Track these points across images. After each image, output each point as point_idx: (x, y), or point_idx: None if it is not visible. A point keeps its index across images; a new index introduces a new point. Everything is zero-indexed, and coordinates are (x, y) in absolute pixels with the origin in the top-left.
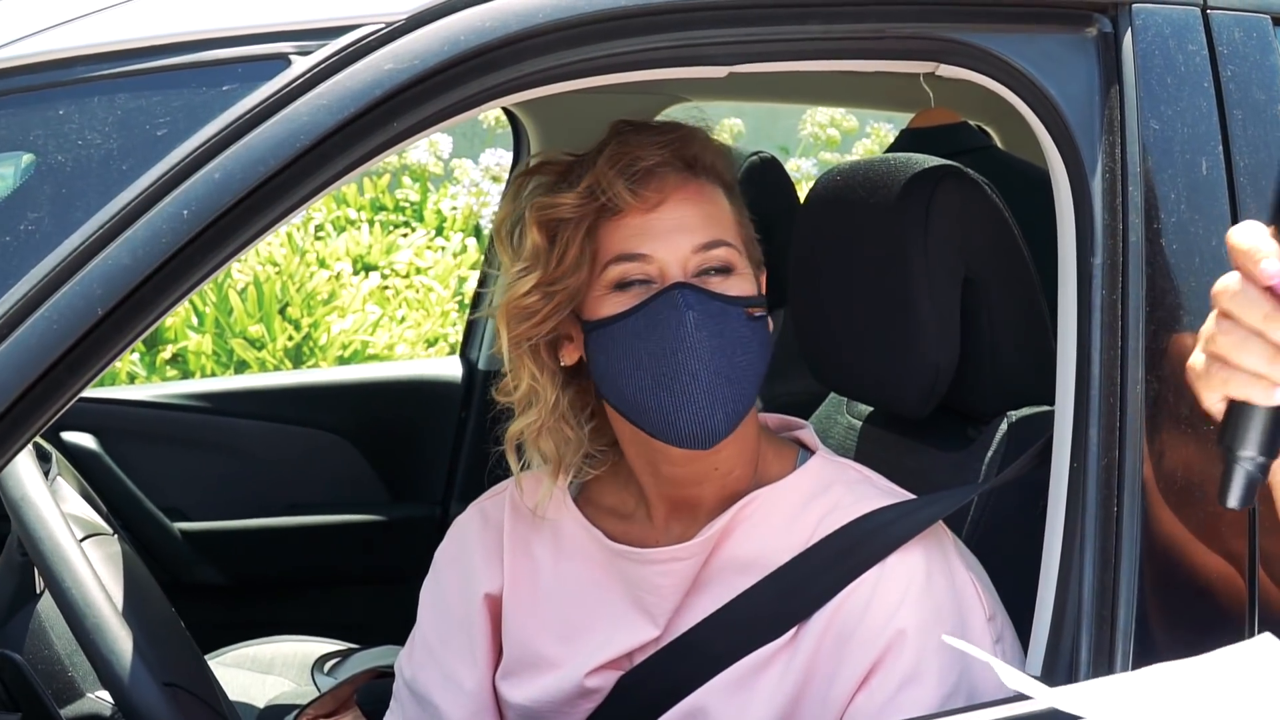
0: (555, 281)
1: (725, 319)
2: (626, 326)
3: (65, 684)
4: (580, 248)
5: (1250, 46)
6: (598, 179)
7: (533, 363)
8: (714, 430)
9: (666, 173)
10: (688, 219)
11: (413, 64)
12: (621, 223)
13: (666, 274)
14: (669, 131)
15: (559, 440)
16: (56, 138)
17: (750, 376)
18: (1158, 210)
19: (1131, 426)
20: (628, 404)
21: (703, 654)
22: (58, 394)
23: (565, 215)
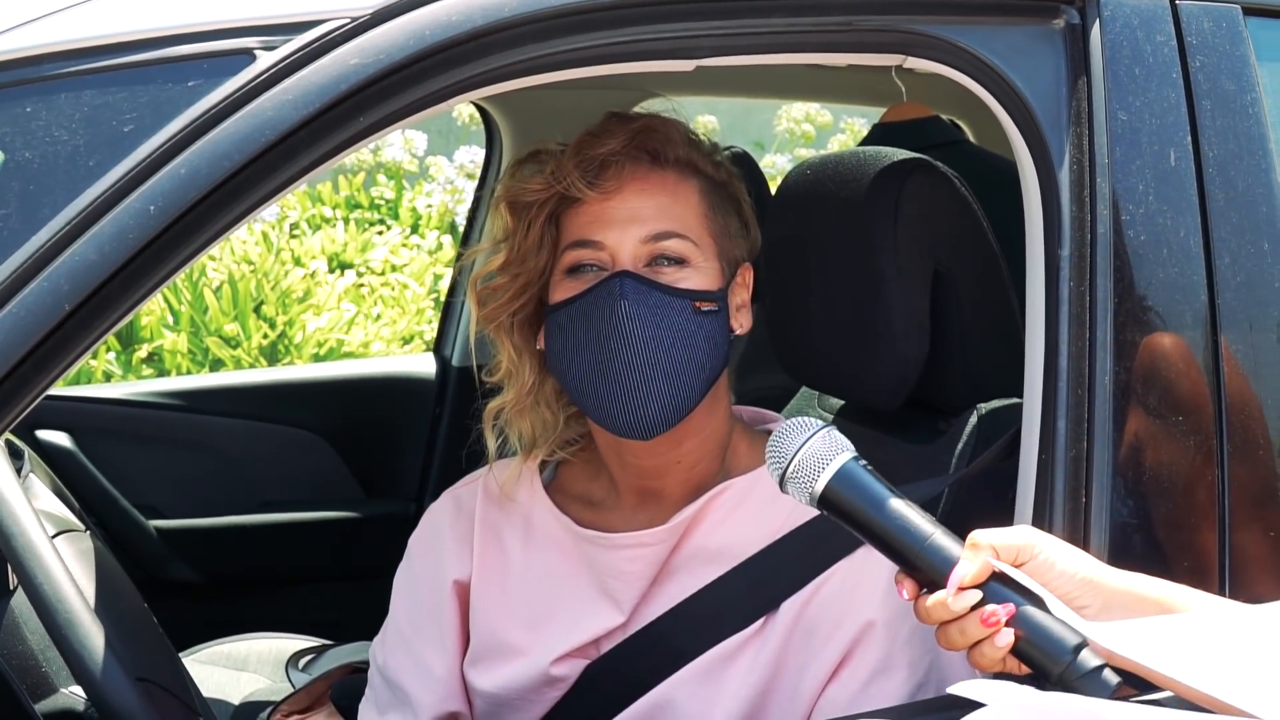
0: (518, 262)
1: (665, 311)
2: (572, 311)
3: (39, 679)
4: (541, 231)
5: (1220, 37)
6: (559, 166)
7: (509, 343)
8: (649, 422)
9: (624, 163)
10: (641, 209)
11: (378, 59)
12: (580, 210)
13: (617, 261)
14: (631, 123)
15: (536, 422)
16: (24, 135)
17: (694, 372)
18: (1125, 202)
19: (1100, 418)
20: (573, 389)
21: (670, 645)
22: (25, 391)
23: (529, 199)
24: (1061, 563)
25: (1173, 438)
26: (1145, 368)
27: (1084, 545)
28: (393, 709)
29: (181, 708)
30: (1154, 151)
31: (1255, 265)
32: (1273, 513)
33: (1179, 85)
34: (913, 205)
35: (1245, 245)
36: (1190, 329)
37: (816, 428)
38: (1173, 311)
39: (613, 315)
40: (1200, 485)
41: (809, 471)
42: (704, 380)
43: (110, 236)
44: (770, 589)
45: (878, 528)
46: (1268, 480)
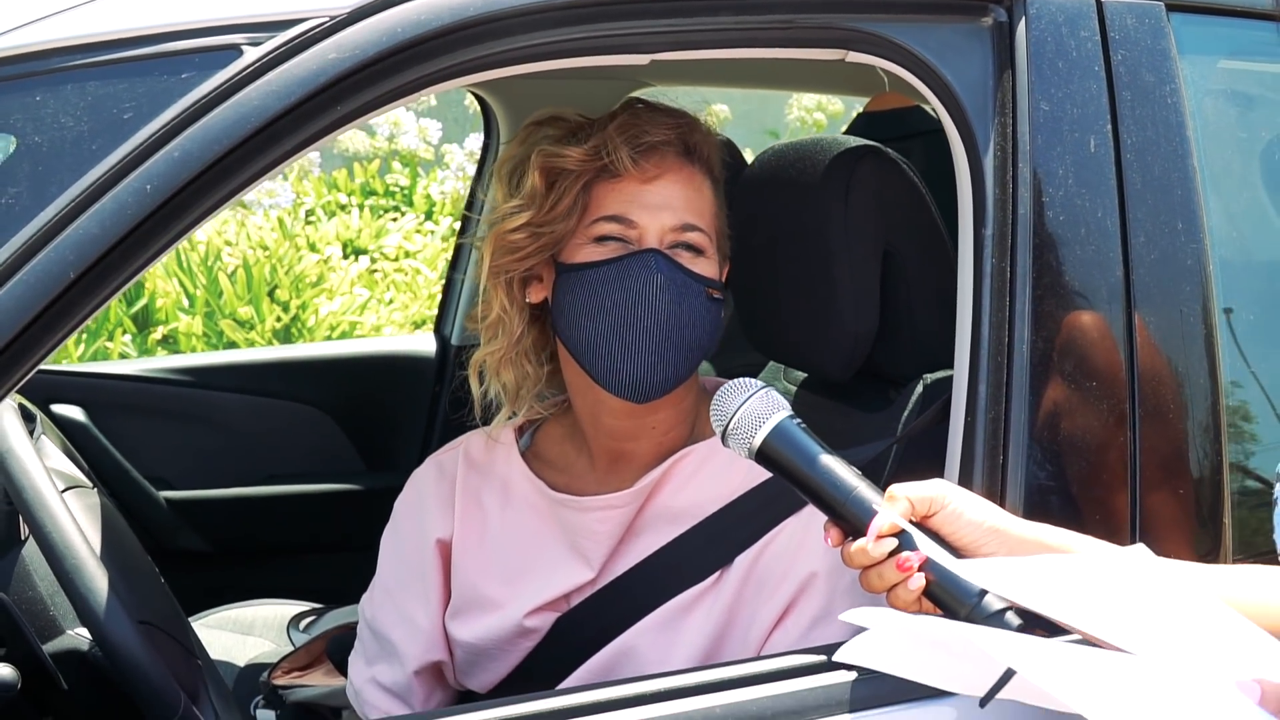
0: (544, 224)
1: (687, 292)
2: (599, 274)
3: (47, 622)
4: (574, 199)
5: (1142, 32)
6: (605, 142)
7: (505, 294)
8: (650, 386)
9: (667, 152)
10: (674, 198)
11: (354, 53)
12: (616, 186)
13: (644, 241)
14: (678, 116)
15: (519, 373)
16: (33, 121)
17: (695, 350)
18: (1046, 185)
19: (1018, 383)
20: (581, 345)
21: (633, 598)
22: (35, 349)
23: (568, 167)
24: (969, 513)
25: (1087, 403)
26: (1062, 338)
27: (1000, 501)
28: (380, 659)
29: (180, 649)
30: (1074, 139)
31: (1169, 244)
32: (1181, 474)
33: (1101, 78)
34: (863, 189)
35: (1160, 225)
36: (1106, 303)
37: (756, 388)
38: (1089, 286)
39: (647, 286)
40: (1112, 448)
41: (747, 427)
42: (700, 358)
43: (111, 212)
44: (725, 545)
45: (808, 480)
46: (1177, 444)
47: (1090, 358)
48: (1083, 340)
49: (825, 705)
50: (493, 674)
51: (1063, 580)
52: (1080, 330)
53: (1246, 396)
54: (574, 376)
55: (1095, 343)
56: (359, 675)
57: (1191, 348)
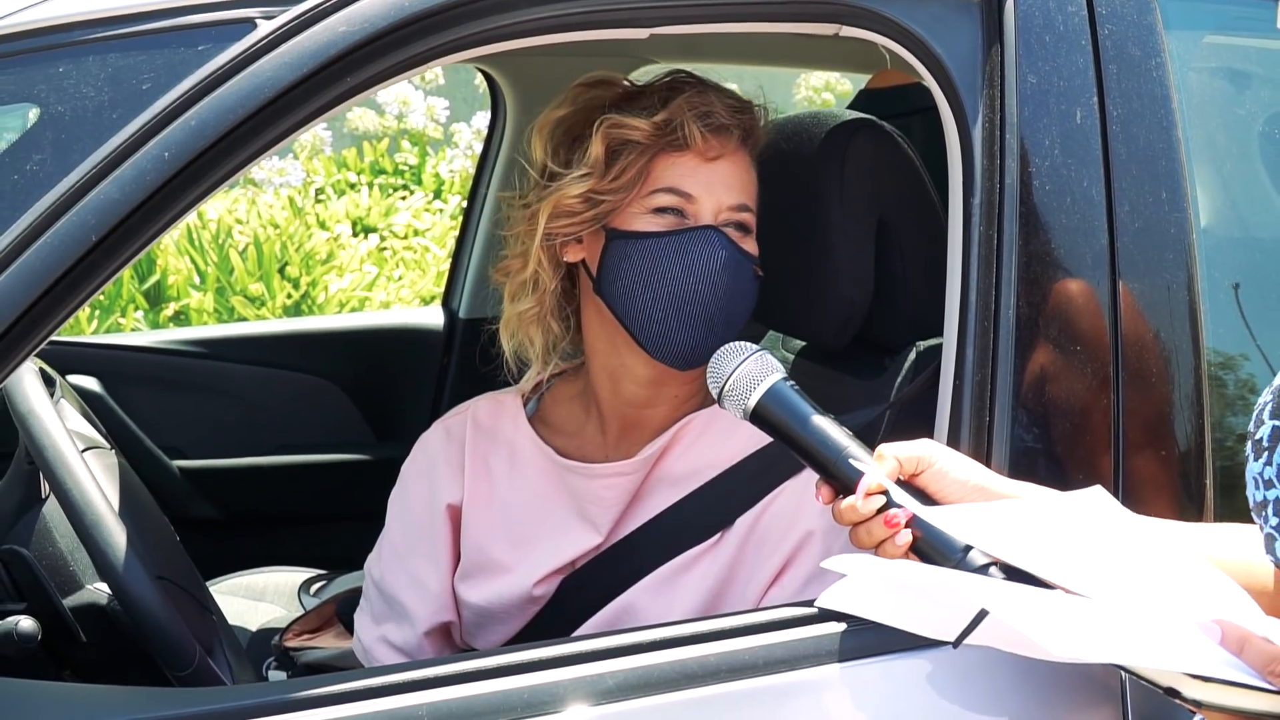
0: (605, 193)
1: (741, 269)
2: (660, 245)
3: (67, 577)
4: (638, 171)
5: (1129, 7)
6: (676, 116)
7: (545, 254)
8: (697, 357)
9: (733, 134)
10: (733, 179)
11: (364, 26)
12: (680, 160)
13: (699, 216)
14: (743, 102)
15: (546, 331)
16: (57, 91)
17: (738, 324)
18: (1032, 155)
19: (1004, 347)
20: (632, 311)
21: (636, 558)
22: (59, 309)
23: (636, 139)
24: (955, 471)
25: (1071, 367)
26: (1047, 304)
27: (986, 462)
28: (388, 619)
29: (195, 604)
30: (1061, 111)
31: (1153, 213)
32: (1163, 436)
33: (1087, 51)
34: (857, 162)
35: (1144, 195)
36: (1091, 270)
37: (751, 351)
38: (1074, 254)
39: (710, 262)
40: (1096, 410)
41: (743, 389)
42: (738, 331)
43: (131, 178)
44: (727, 506)
45: (801, 440)
46: (1159, 407)
47: (1075, 323)
48: (1068, 306)
49: (816, 655)
50: (499, 635)
51: (1034, 527)
52: (1065, 296)
53: (1228, 361)
54: (600, 340)
55: (1080, 309)
56: (367, 633)
57: (1175, 313)
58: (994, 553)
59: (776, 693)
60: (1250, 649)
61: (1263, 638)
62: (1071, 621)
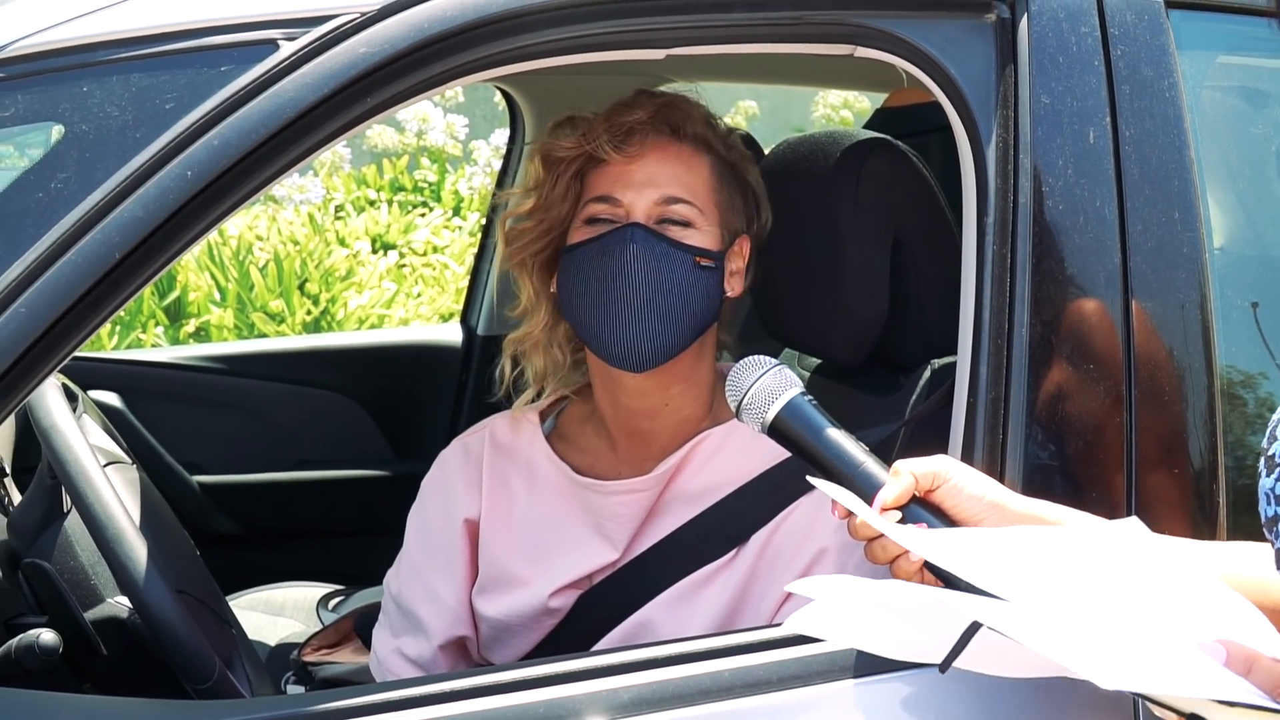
0: (545, 209)
1: (668, 261)
2: (586, 251)
3: (88, 590)
4: (568, 185)
5: (1142, 28)
6: (590, 129)
7: (529, 281)
8: (642, 354)
9: (648, 132)
10: (658, 175)
11: (384, 48)
12: (604, 169)
13: (631, 217)
14: (657, 98)
15: (548, 359)
16: (81, 110)
17: (686, 317)
18: (1045, 175)
19: (1017, 365)
20: (577, 319)
21: (653, 575)
22: (83, 325)
23: (560, 155)
24: (970, 488)
25: (1084, 385)
26: (1060, 322)
27: (1000, 477)
28: (406, 633)
29: (215, 618)
30: (1074, 131)
31: (1166, 232)
32: (1176, 454)
33: (1100, 72)
34: (873, 181)
35: (1157, 214)
36: (1104, 288)
37: (769, 365)
38: (1088, 273)
39: (623, 257)
40: (1109, 428)
41: (761, 403)
42: (694, 326)
43: (154, 197)
44: (742, 524)
45: (818, 454)
46: (1172, 425)
47: (1088, 341)
48: (1081, 325)
49: (830, 670)
50: (516, 649)
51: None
52: (1079, 315)
53: (1241, 379)
54: (592, 359)
55: (1093, 327)
56: (383, 645)
57: (1187, 332)
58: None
59: (790, 708)
60: (1259, 670)
61: (1272, 658)
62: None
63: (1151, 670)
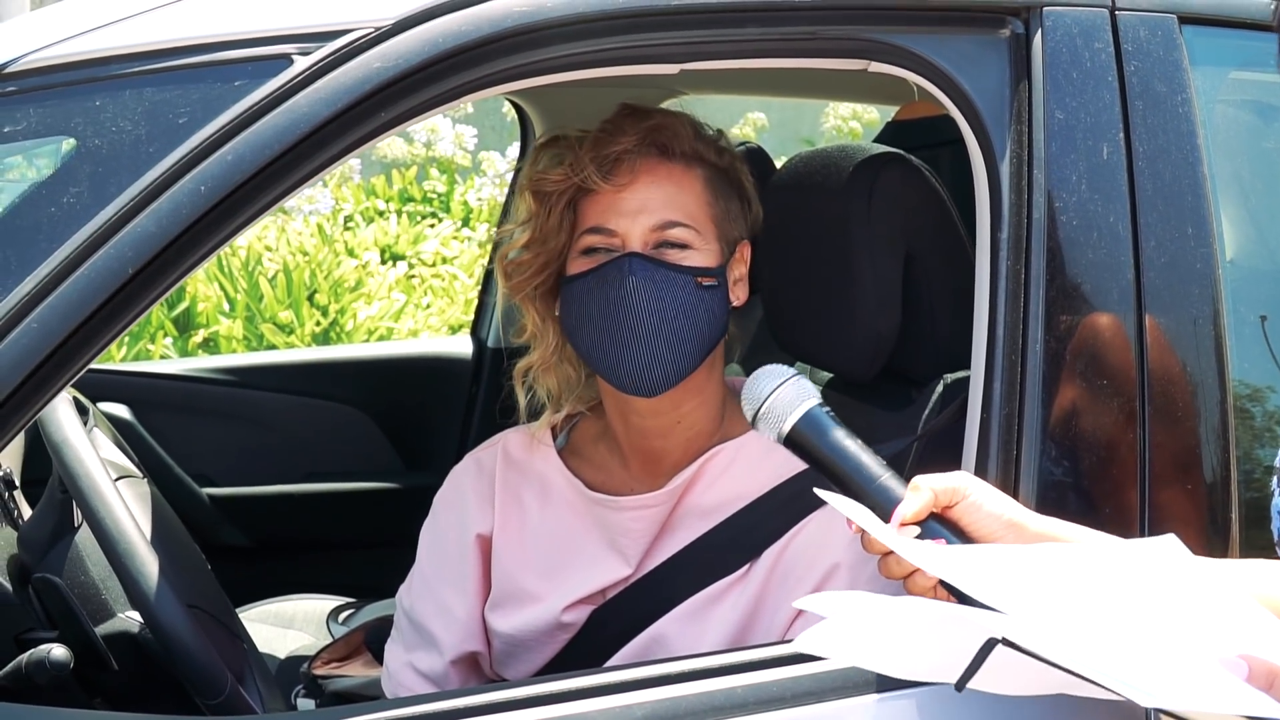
0: (540, 242)
1: (670, 285)
2: (585, 284)
3: (99, 605)
4: (561, 216)
5: (1155, 44)
6: (576, 160)
7: (533, 309)
8: (654, 380)
9: (636, 158)
10: (651, 200)
11: (398, 63)
12: (596, 199)
13: (628, 245)
14: (645, 120)
15: (561, 378)
16: (94, 124)
17: (694, 338)
18: (1059, 190)
19: (1031, 380)
20: (584, 350)
21: (665, 590)
22: (96, 340)
23: (549, 188)
24: (988, 505)
25: (1098, 401)
26: (1074, 338)
27: (1014, 494)
28: (418, 648)
29: (226, 632)
30: (1088, 146)
31: (1179, 248)
32: (1190, 470)
33: (1114, 87)
34: (885, 195)
35: (1170, 230)
36: (1117, 304)
37: (788, 375)
38: (1101, 288)
39: (622, 288)
40: (1122, 444)
41: (779, 413)
42: (703, 346)
43: (167, 212)
44: (754, 538)
45: (834, 467)
46: (1186, 441)
47: (1102, 357)
48: (1094, 340)
49: (844, 687)
50: (529, 664)
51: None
52: (1092, 331)
53: (1254, 394)
54: (602, 381)
55: (1107, 343)
56: (395, 660)
57: (1200, 347)
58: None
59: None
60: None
61: None
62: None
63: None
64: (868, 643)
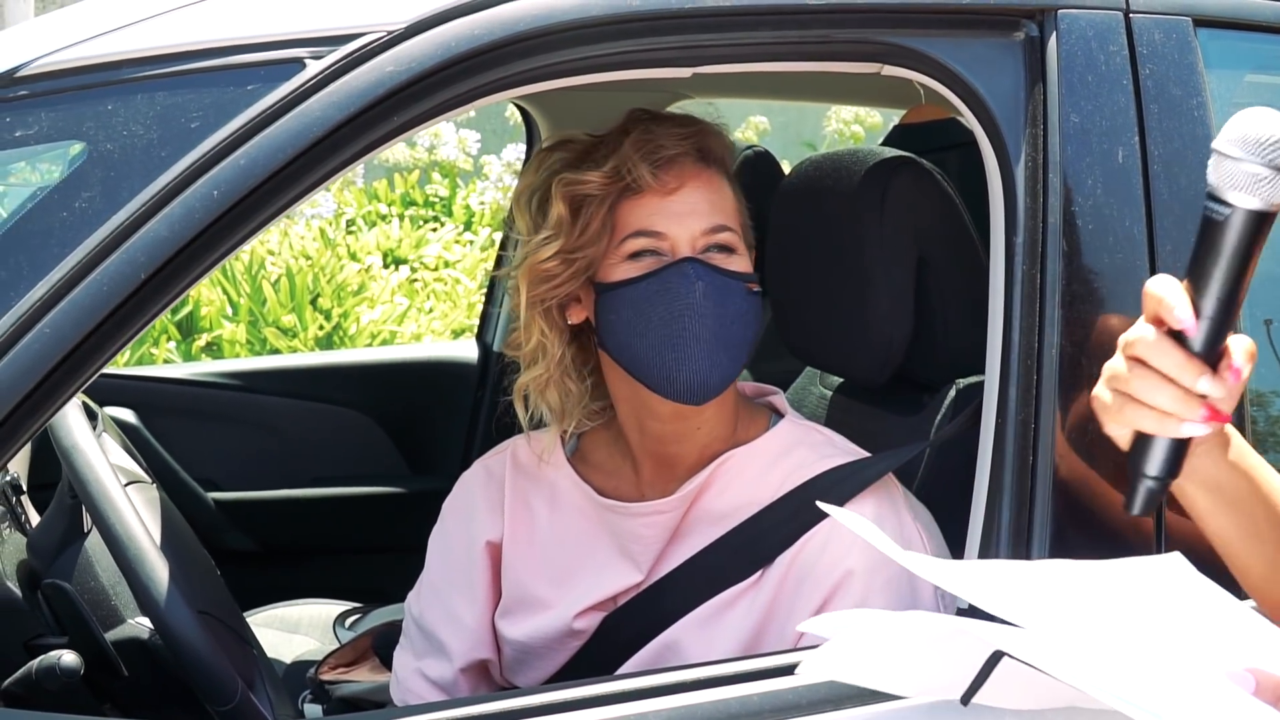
0: (576, 250)
1: (728, 292)
2: (639, 290)
3: (109, 611)
4: (602, 222)
5: (1170, 47)
6: (624, 162)
7: (544, 321)
8: (708, 388)
9: (685, 161)
10: (699, 204)
11: (411, 66)
12: (641, 201)
13: (676, 250)
14: (689, 125)
15: (562, 392)
16: (106, 129)
17: (743, 345)
18: (1075, 194)
19: (1047, 386)
20: (632, 359)
21: (677, 597)
22: (108, 346)
23: (591, 192)
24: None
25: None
26: (1090, 343)
27: (1030, 500)
28: (428, 654)
29: (236, 638)
30: (1103, 150)
31: None
32: None
33: (1129, 91)
34: (898, 199)
35: (1187, 234)
36: (1133, 309)
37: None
38: (1116, 293)
39: (690, 294)
40: None
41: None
42: (748, 352)
43: (179, 217)
44: (767, 544)
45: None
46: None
47: None
48: (1111, 345)
49: (859, 695)
50: (540, 672)
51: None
52: (1108, 335)
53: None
54: (620, 387)
55: None
56: (405, 667)
57: None
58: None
59: None
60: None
61: None
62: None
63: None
64: (872, 661)
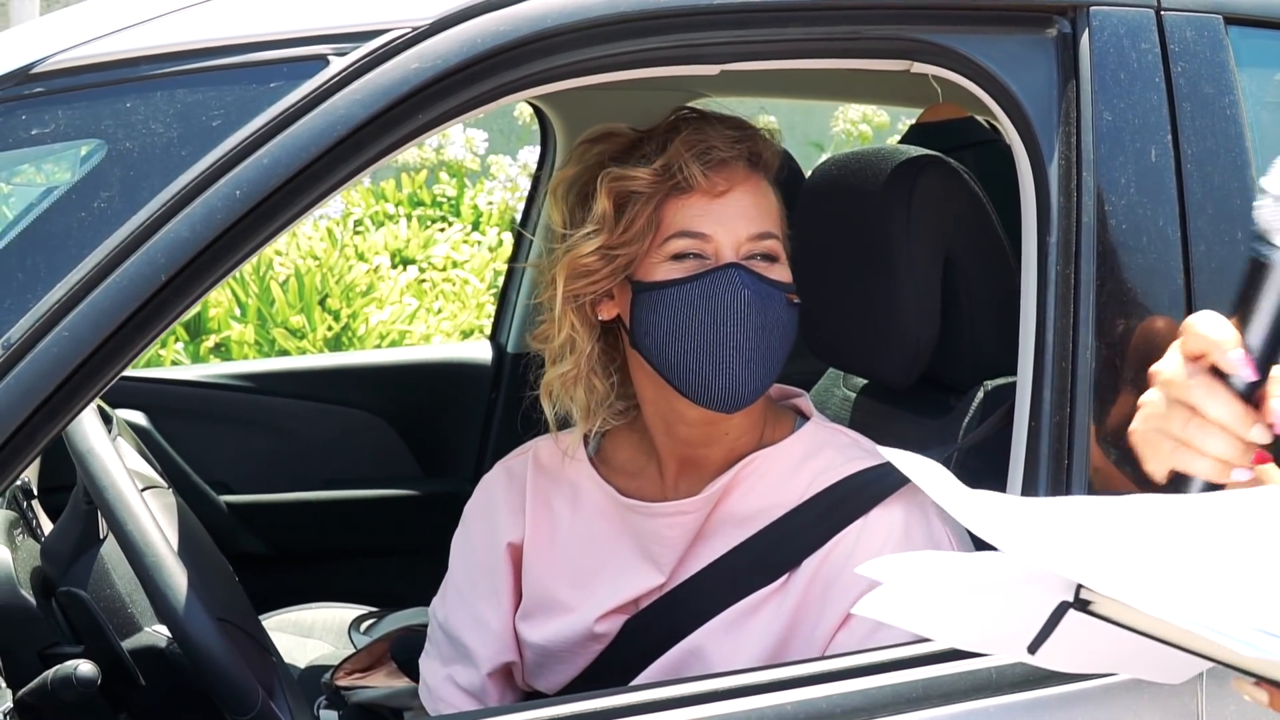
0: (618, 247)
1: (771, 301)
2: (682, 292)
3: (125, 619)
4: (647, 220)
5: (1201, 44)
6: (675, 160)
7: (576, 315)
8: (741, 397)
9: (736, 164)
10: (748, 209)
11: (436, 63)
12: (688, 201)
13: (721, 254)
14: (742, 128)
15: (588, 390)
16: (125, 127)
17: (780, 356)
18: (1108, 193)
19: (1081, 387)
20: (667, 362)
21: (701, 600)
22: (128, 349)
23: (638, 189)
24: None
25: None
26: (1124, 343)
27: None
28: (455, 661)
29: (255, 645)
30: (1136, 148)
31: (1229, 252)
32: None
33: (1161, 89)
34: (925, 198)
35: (1220, 234)
36: (1167, 309)
37: None
38: (1150, 293)
39: (735, 301)
40: None
41: None
42: (783, 362)
43: (201, 217)
44: (793, 548)
45: None
46: None
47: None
48: (1145, 346)
49: (893, 703)
50: (561, 675)
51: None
52: (1143, 336)
53: None
54: (648, 388)
55: (1158, 348)
56: (433, 675)
57: None
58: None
59: None
60: None
61: None
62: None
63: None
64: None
